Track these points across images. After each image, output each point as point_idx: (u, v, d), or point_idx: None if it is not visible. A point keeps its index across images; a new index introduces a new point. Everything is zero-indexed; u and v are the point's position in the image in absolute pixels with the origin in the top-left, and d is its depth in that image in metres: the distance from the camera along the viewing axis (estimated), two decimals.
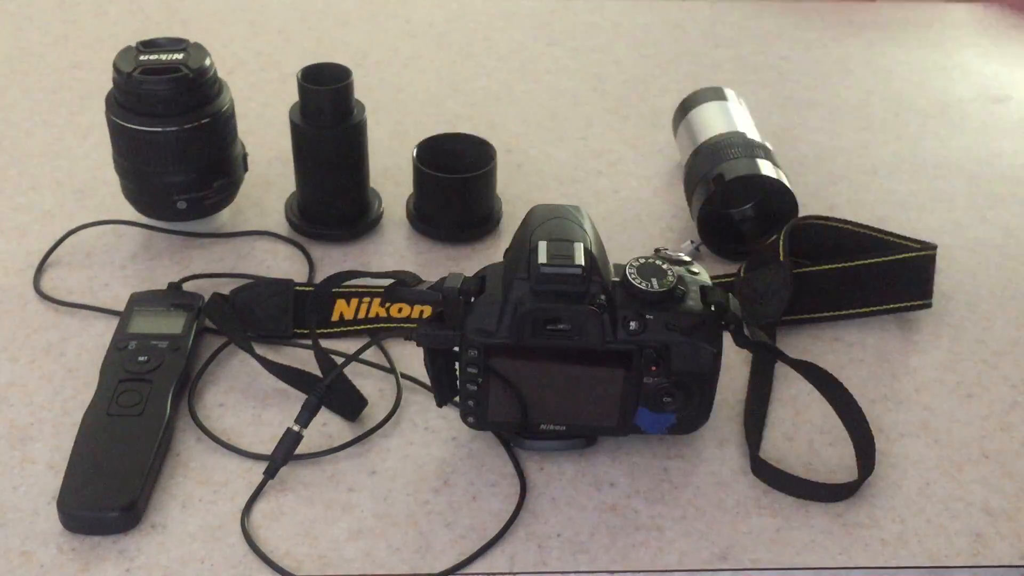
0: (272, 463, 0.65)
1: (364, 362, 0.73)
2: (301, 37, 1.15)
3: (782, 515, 0.65)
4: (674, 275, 0.62)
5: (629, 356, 0.62)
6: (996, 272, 0.84)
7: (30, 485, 0.65)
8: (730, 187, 0.82)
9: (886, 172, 0.96)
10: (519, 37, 1.17)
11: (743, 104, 0.92)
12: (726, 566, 0.62)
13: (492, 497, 0.65)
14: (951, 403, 0.73)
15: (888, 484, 0.67)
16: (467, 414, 0.65)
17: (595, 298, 0.60)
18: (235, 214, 0.87)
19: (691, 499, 0.65)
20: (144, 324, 0.73)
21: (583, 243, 0.61)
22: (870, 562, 0.62)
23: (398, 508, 0.64)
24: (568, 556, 0.62)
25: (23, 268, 0.81)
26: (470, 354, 0.62)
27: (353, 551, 0.62)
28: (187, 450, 0.67)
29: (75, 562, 0.60)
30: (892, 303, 0.78)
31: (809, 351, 0.76)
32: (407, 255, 0.84)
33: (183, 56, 0.78)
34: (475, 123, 1.00)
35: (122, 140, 0.79)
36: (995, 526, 0.64)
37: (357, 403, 0.69)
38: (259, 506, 0.64)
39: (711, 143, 0.86)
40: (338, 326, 0.76)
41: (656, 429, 0.66)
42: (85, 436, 0.65)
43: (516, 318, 0.60)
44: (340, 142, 0.81)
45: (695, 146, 0.87)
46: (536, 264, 0.60)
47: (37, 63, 1.09)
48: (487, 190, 0.85)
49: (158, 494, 0.64)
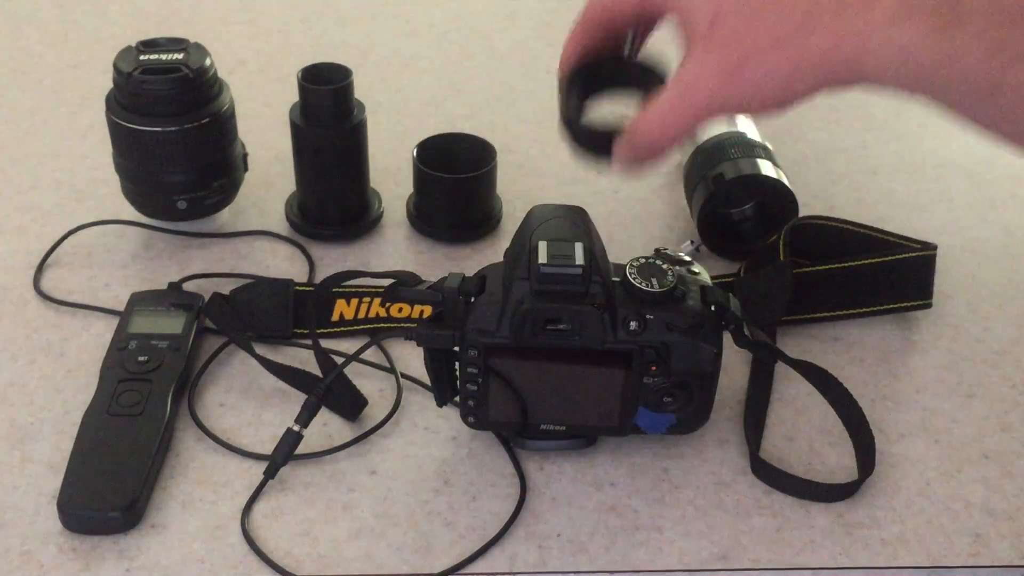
0: (272, 463, 0.65)
1: (364, 362, 0.73)
2: (301, 37, 1.15)
3: (782, 515, 0.65)
4: (674, 275, 0.62)
5: (629, 356, 0.62)
6: (996, 272, 0.84)
7: (30, 485, 0.65)
8: (730, 187, 0.82)
9: (886, 172, 0.96)
10: (519, 37, 1.17)
11: None
12: (726, 566, 0.62)
13: (492, 497, 0.65)
14: (951, 403, 0.73)
15: (888, 484, 0.67)
16: (467, 414, 0.65)
17: (595, 298, 0.60)
18: (235, 214, 0.87)
19: (691, 499, 0.65)
20: (144, 324, 0.73)
21: (583, 243, 0.61)
22: (870, 562, 0.62)
23: (398, 508, 0.64)
24: (568, 556, 0.62)
25: (23, 268, 0.81)
26: (470, 354, 0.62)
27: (353, 551, 0.62)
28: (187, 450, 0.67)
29: (75, 562, 0.60)
30: (892, 303, 0.78)
31: (809, 351, 0.76)
32: (407, 255, 0.84)
33: (183, 56, 0.78)
34: (475, 123, 1.00)
35: (122, 140, 0.79)
36: (995, 526, 0.64)
37: (357, 403, 0.69)
38: (259, 506, 0.64)
39: (711, 143, 0.85)
40: (338, 326, 0.76)
41: (656, 429, 0.66)
42: (85, 436, 0.65)
43: (516, 318, 0.60)
44: (340, 142, 0.81)
45: (695, 146, 0.87)
46: (536, 264, 0.60)
47: (37, 63, 1.09)
48: (487, 190, 0.85)
49: (158, 494, 0.64)
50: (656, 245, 0.85)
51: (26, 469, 0.66)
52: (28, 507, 0.63)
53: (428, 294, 0.64)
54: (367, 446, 0.68)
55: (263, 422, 0.69)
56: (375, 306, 0.77)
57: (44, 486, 0.64)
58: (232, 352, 0.74)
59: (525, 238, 0.61)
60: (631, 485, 0.66)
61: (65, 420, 0.69)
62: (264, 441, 0.68)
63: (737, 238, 0.85)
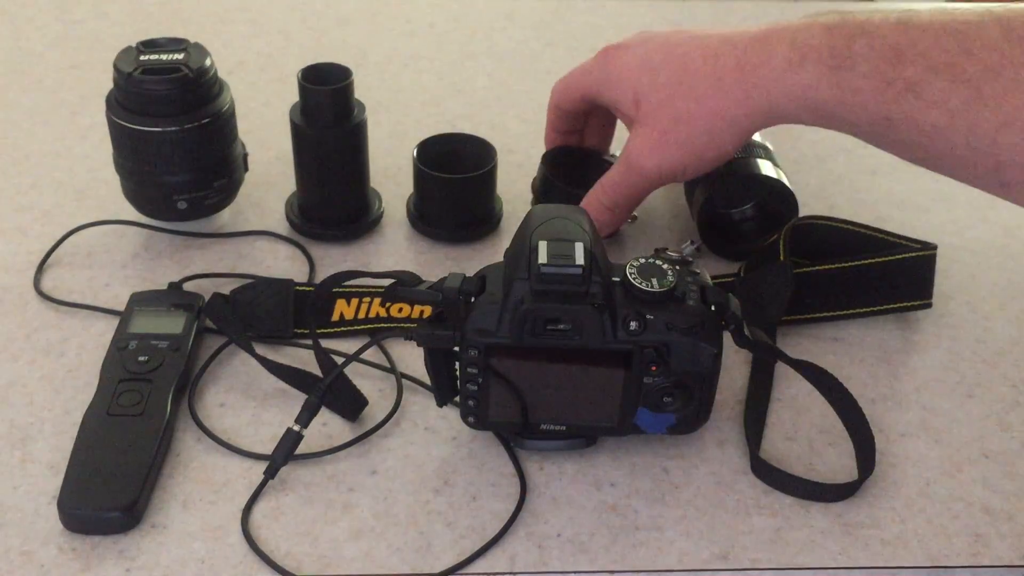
0: (272, 463, 0.65)
1: (364, 362, 0.73)
2: (301, 37, 1.15)
3: (782, 515, 0.65)
4: (674, 275, 0.62)
5: (629, 356, 0.62)
6: (996, 272, 0.84)
7: (30, 485, 0.65)
8: (730, 187, 0.82)
9: (886, 172, 0.96)
10: (519, 37, 1.17)
11: None
12: (726, 566, 0.62)
13: (492, 497, 0.65)
14: (951, 403, 0.73)
15: (888, 484, 0.67)
16: (467, 414, 0.65)
17: (595, 298, 0.60)
18: (235, 214, 0.87)
19: (691, 499, 0.65)
20: (144, 324, 0.73)
21: (583, 243, 0.61)
22: (870, 562, 0.62)
23: (398, 508, 0.64)
24: (568, 556, 0.62)
25: (23, 268, 0.81)
26: (470, 354, 0.62)
27: (353, 551, 0.62)
28: (187, 450, 0.67)
29: (75, 562, 0.60)
30: (892, 303, 0.78)
31: (809, 351, 0.76)
32: (407, 255, 0.84)
33: (183, 56, 0.78)
34: (475, 123, 1.00)
35: (122, 140, 0.79)
36: (995, 526, 0.64)
37: (357, 403, 0.69)
38: (259, 506, 0.64)
39: None
40: (338, 326, 0.76)
41: (656, 429, 0.66)
42: (85, 436, 0.65)
43: (516, 318, 0.60)
44: (340, 142, 0.81)
45: None
46: (536, 264, 0.60)
47: (37, 63, 1.09)
48: (487, 190, 0.85)
49: (158, 494, 0.64)
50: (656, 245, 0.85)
51: (26, 469, 0.66)
52: (28, 507, 0.63)
53: (428, 294, 0.64)
54: (367, 446, 0.68)
55: (263, 422, 0.69)
56: (375, 306, 0.77)
57: (44, 486, 0.64)
58: (232, 352, 0.74)
59: (525, 238, 0.61)
60: (631, 485, 0.66)
61: (65, 420, 0.69)
62: (264, 441, 0.68)
63: (737, 238, 0.85)
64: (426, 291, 0.64)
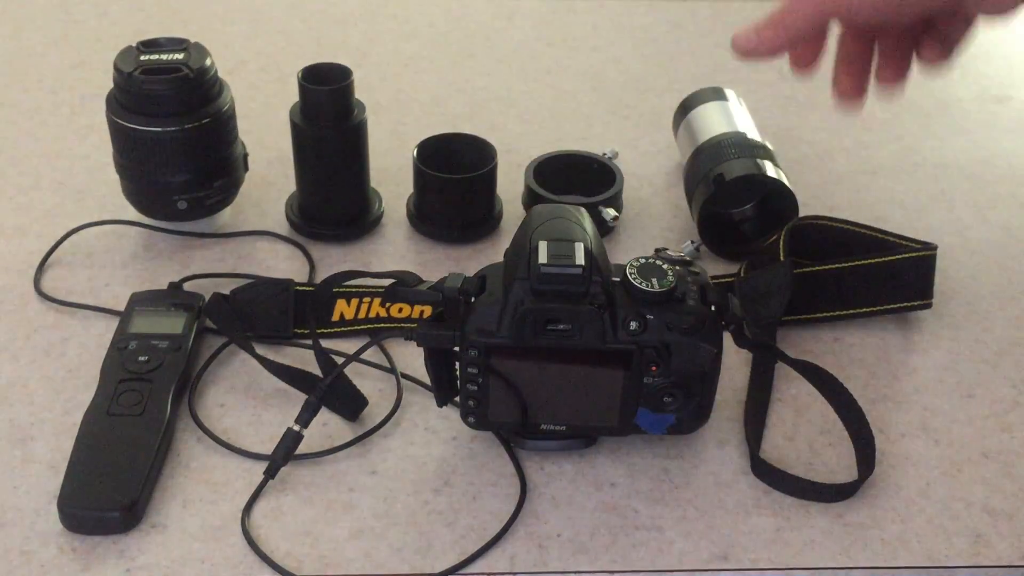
0: (272, 463, 0.65)
1: (364, 362, 0.73)
2: (301, 37, 1.15)
3: (782, 515, 0.65)
4: (674, 275, 0.62)
5: (629, 356, 0.62)
6: (996, 272, 0.84)
7: (30, 485, 0.65)
8: (730, 187, 0.82)
9: (886, 172, 0.96)
10: (519, 37, 1.17)
11: (743, 104, 0.92)
12: (726, 566, 0.62)
13: (492, 497, 0.65)
14: (951, 403, 0.73)
15: (888, 484, 0.67)
16: (467, 414, 0.65)
17: (595, 298, 0.60)
18: (235, 214, 0.87)
19: (691, 499, 0.65)
20: (144, 324, 0.73)
21: (583, 243, 0.61)
22: (870, 562, 0.62)
23: (398, 508, 0.64)
24: (568, 556, 0.62)
25: (23, 268, 0.81)
26: (470, 354, 0.62)
27: (354, 551, 0.62)
28: (187, 450, 0.67)
29: (75, 562, 0.60)
30: (892, 303, 0.78)
31: (809, 351, 0.76)
32: (407, 255, 0.84)
33: (184, 56, 0.78)
34: (475, 123, 1.00)
35: (122, 140, 0.79)
36: (995, 526, 0.64)
37: (357, 403, 0.70)
38: (259, 506, 0.64)
39: (711, 143, 0.86)
40: (338, 326, 0.76)
41: (656, 429, 0.66)
42: (85, 436, 0.65)
43: (516, 318, 0.60)
44: (340, 142, 0.81)
45: (695, 146, 0.87)
46: (536, 264, 0.60)
47: (37, 63, 1.09)
48: (487, 190, 0.85)
49: (158, 494, 0.64)
50: (656, 245, 0.85)
51: (26, 469, 0.66)
52: (28, 507, 0.63)
53: (428, 294, 0.64)
54: (367, 446, 0.68)
55: (263, 422, 0.69)
56: (375, 306, 0.77)
57: (44, 486, 0.64)
58: (232, 352, 0.74)
59: (525, 238, 0.61)
60: (631, 485, 0.66)
61: (65, 420, 0.69)
62: (264, 441, 0.68)
63: (737, 238, 0.85)
64: (426, 291, 0.64)
